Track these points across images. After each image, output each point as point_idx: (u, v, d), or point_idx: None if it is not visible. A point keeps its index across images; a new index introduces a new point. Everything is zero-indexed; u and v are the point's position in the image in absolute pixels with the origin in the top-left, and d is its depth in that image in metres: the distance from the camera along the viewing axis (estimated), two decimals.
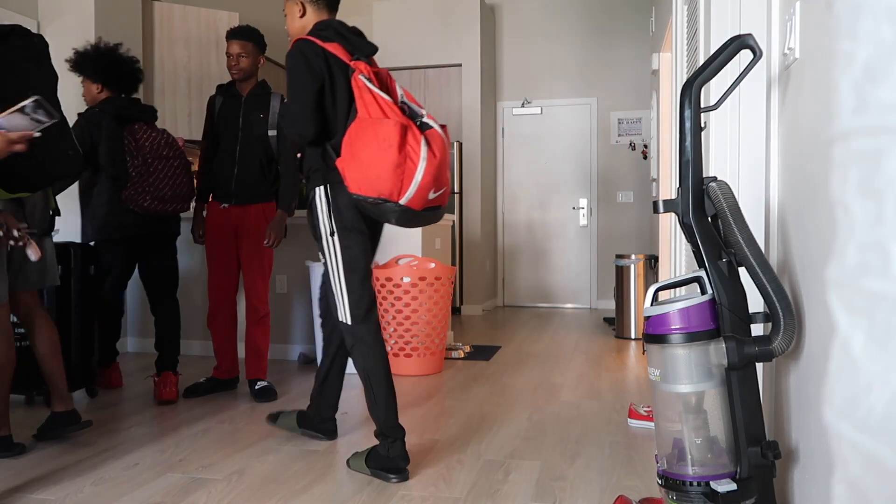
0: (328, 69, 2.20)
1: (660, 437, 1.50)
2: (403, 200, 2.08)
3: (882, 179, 1.00)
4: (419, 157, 2.06)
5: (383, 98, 2.10)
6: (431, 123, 2.17)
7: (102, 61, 3.29)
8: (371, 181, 2.06)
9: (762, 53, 1.45)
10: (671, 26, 3.92)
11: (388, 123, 2.06)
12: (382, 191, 2.06)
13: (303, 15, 2.36)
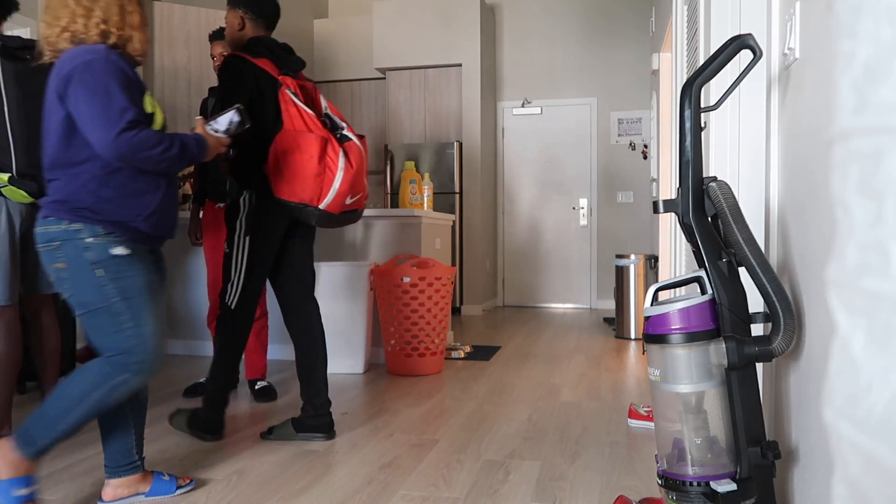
0: (256, 83, 2.39)
1: (660, 437, 1.50)
2: (322, 205, 2.33)
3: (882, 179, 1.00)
4: (337, 167, 2.32)
5: (307, 112, 2.35)
6: (350, 136, 2.43)
7: None
8: (294, 188, 2.31)
9: (762, 53, 1.45)
10: (671, 26, 3.92)
11: (311, 136, 2.31)
12: (304, 197, 2.32)
13: (241, 28, 2.51)
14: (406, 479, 2.18)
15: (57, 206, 1.78)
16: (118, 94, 1.74)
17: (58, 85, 1.75)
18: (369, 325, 3.88)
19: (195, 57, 5.04)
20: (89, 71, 1.73)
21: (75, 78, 1.73)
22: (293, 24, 6.97)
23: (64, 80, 1.74)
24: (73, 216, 1.77)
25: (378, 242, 4.14)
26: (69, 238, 1.77)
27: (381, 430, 2.71)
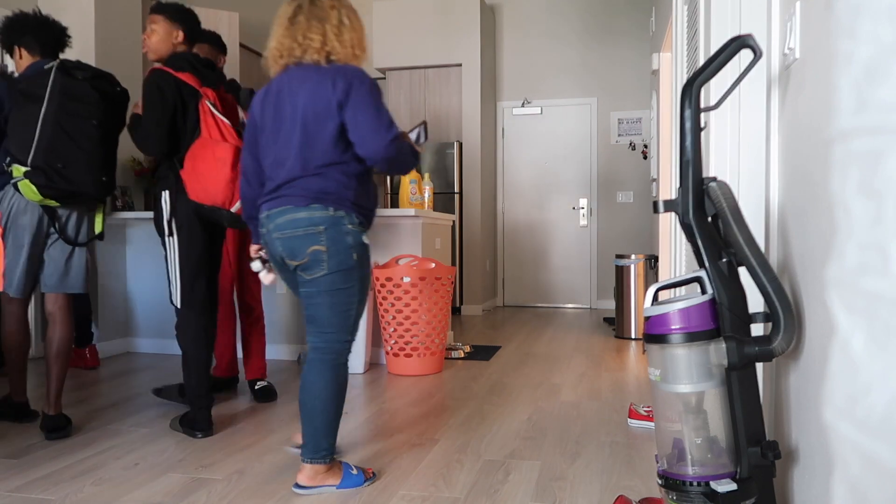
0: (179, 95, 2.60)
1: (660, 437, 1.50)
2: (234, 209, 2.54)
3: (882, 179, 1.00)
4: None
5: (224, 122, 2.56)
6: None
7: None
8: (208, 192, 2.50)
9: (762, 53, 1.45)
10: (671, 26, 3.92)
11: (225, 146, 2.51)
12: (217, 200, 2.51)
13: (178, 41, 2.70)
14: (406, 479, 2.18)
15: (323, 196, 2.01)
16: (384, 109, 2.05)
17: (337, 96, 2.01)
18: (369, 325, 3.87)
19: None
20: (364, 87, 2.03)
21: (354, 91, 2.01)
22: None
23: (343, 93, 2.01)
24: (337, 205, 2.02)
25: (378, 242, 4.14)
26: (334, 223, 2.01)
27: (381, 430, 2.71)
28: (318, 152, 2.03)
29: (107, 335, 4.36)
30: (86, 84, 2.62)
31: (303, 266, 2.04)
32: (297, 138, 2.04)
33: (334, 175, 2.03)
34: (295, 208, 2.01)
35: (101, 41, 4.33)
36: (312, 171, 2.02)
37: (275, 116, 2.09)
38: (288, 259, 2.06)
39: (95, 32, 4.28)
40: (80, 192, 2.60)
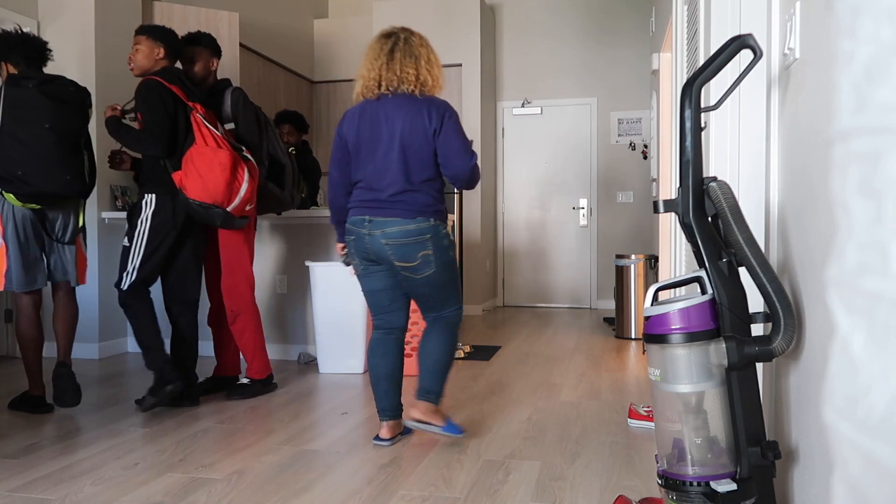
0: (174, 105, 2.93)
1: (660, 437, 1.50)
2: (230, 208, 2.93)
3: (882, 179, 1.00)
4: (244, 179, 2.96)
5: (217, 133, 2.92)
6: (249, 157, 3.06)
7: None
8: (209, 191, 2.86)
9: (762, 53, 1.45)
10: (671, 26, 3.92)
11: (225, 153, 2.89)
12: (217, 198, 2.88)
13: (160, 58, 3.03)
14: (406, 479, 2.18)
15: (425, 209, 2.41)
16: (466, 137, 2.46)
17: (431, 125, 2.41)
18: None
19: None
20: (453, 119, 2.43)
21: (446, 121, 2.41)
22: (293, 24, 6.97)
23: (438, 123, 2.40)
24: (435, 216, 2.44)
25: None
26: (435, 231, 2.43)
27: None
28: (417, 171, 2.41)
29: (106, 335, 4.36)
30: (34, 91, 2.84)
31: (413, 268, 2.42)
32: (396, 157, 2.40)
33: (430, 191, 2.44)
34: (404, 220, 2.39)
35: (101, 41, 4.33)
36: (415, 187, 2.41)
37: (371, 137, 2.45)
38: (398, 262, 2.42)
39: (95, 33, 4.28)
40: (46, 193, 2.86)
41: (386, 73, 2.43)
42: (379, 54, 2.45)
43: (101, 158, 3.95)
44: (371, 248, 2.43)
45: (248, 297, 3.28)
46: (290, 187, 3.42)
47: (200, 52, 3.25)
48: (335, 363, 3.81)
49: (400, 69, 2.42)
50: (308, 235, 4.25)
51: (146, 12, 4.84)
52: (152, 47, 3.01)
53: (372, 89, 2.45)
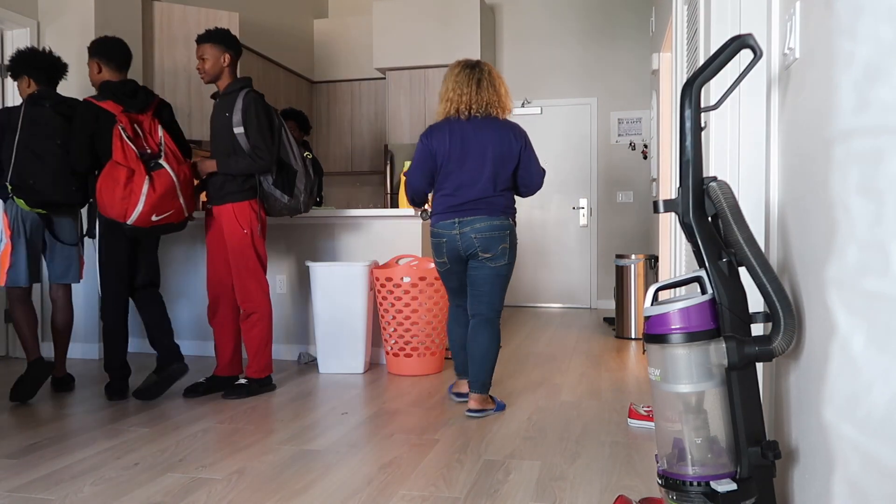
0: (96, 122, 3.11)
1: (660, 437, 1.50)
2: (130, 221, 3.03)
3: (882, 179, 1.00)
4: (141, 193, 3.01)
5: (129, 146, 3.03)
6: (164, 164, 3.11)
7: None
8: (105, 207, 3.03)
9: (762, 53, 1.45)
10: (671, 26, 3.92)
11: (120, 168, 3.00)
12: (112, 214, 3.02)
13: (99, 72, 3.26)
14: (406, 479, 2.18)
15: (506, 210, 2.96)
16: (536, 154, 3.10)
17: (517, 145, 2.99)
18: (369, 325, 3.88)
19: (195, 57, 5.03)
20: (530, 143, 3.06)
21: (527, 145, 3.03)
22: (293, 24, 6.97)
23: (522, 145, 3.01)
24: (511, 217, 2.99)
25: (378, 242, 4.14)
26: (511, 229, 2.96)
27: (381, 430, 2.71)
28: (502, 180, 2.95)
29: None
30: (50, 111, 3.21)
31: (492, 258, 2.91)
32: (488, 169, 2.91)
33: (508, 196, 2.99)
34: (489, 217, 2.90)
35: None
36: (498, 193, 2.93)
37: (461, 150, 2.92)
38: (483, 252, 2.90)
39: (95, 33, 4.27)
40: (53, 202, 3.22)
41: (476, 98, 2.94)
42: (469, 82, 2.96)
43: None
44: (461, 244, 2.92)
45: (259, 298, 3.30)
46: (303, 193, 3.37)
47: (206, 49, 3.24)
48: (335, 363, 3.81)
49: (487, 96, 2.95)
50: (308, 235, 4.25)
51: (146, 12, 4.84)
52: (92, 65, 3.27)
53: (463, 112, 2.94)
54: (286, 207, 3.36)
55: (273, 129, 3.26)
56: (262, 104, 3.23)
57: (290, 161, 3.33)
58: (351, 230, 4.19)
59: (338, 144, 7.33)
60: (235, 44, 3.30)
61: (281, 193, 3.29)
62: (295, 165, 3.34)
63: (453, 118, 2.96)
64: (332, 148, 7.30)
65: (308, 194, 3.42)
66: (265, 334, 3.32)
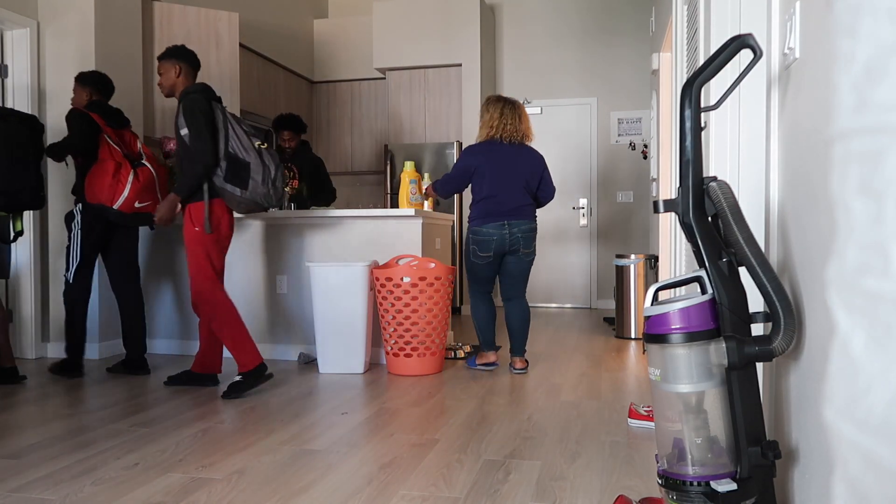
0: (90, 129, 3.66)
1: (660, 436, 1.50)
2: (116, 205, 3.60)
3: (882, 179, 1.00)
4: (127, 181, 3.61)
5: (114, 147, 3.64)
6: (147, 164, 3.73)
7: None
8: (96, 194, 3.59)
9: (762, 53, 1.45)
10: (671, 26, 3.92)
11: (108, 162, 3.62)
12: (101, 199, 3.59)
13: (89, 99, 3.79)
14: (406, 479, 2.18)
15: (534, 215, 3.81)
16: None
17: (540, 168, 3.84)
18: (369, 325, 3.87)
19: None
20: (547, 166, 3.89)
21: (546, 170, 3.87)
22: (293, 24, 6.97)
23: (543, 168, 3.85)
24: (535, 220, 3.85)
25: (378, 242, 4.14)
26: (537, 229, 3.86)
27: (381, 430, 2.71)
28: (530, 193, 3.81)
29: (106, 335, 4.36)
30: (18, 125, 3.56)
31: (528, 253, 3.79)
32: (521, 183, 3.74)
33: (533, 204, 3.84)
34: (528, 221, 3.77)
35: (101, 41, 4.33)
36: (529, 202, 3.79)
37: (500, 168, 3.70)
38: (524, 249, 3.76)
39: (95, 33, 4.28)
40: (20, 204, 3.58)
41: (515, 128, 3.77)
42: (512, 116, 3.76)
43: None
44: (508, 241, 3.71)
45: (208, 294, 3.29)
46: (261, 185, 3.32)
47: (160, 66, 3.43)
48: (335, 363, 3.81)
49: (523, 128, 3.79)
50: (308, 235, 4.25)
51: (146, 12, 4.84)
52: (80, 91, 3.77)
53: (505, 137, 3.75)
54: (245, 201, 3.30)
55: (212, 125, 3.25)
56: (199, 102, 3.24)
57: (239, 154, 3.28)
58: (351, 230, 4.19)
59: (338, 144, 7.33)
60: (188, 56, 3.42)
61: (233, 187, 3.25)
62: (246, 158, 3.28)
63: (496, 141, 3.74)
64: (332, 148, 7.30)
65: (271, 186, 3.36)
66: (234, 329, 3.29)
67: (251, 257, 4.34)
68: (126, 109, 4.49)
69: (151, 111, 4.85)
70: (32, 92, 4.28)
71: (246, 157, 3.28)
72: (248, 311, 4.35)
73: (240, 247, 4.36)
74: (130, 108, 4.54)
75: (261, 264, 4.32)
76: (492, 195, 3.68)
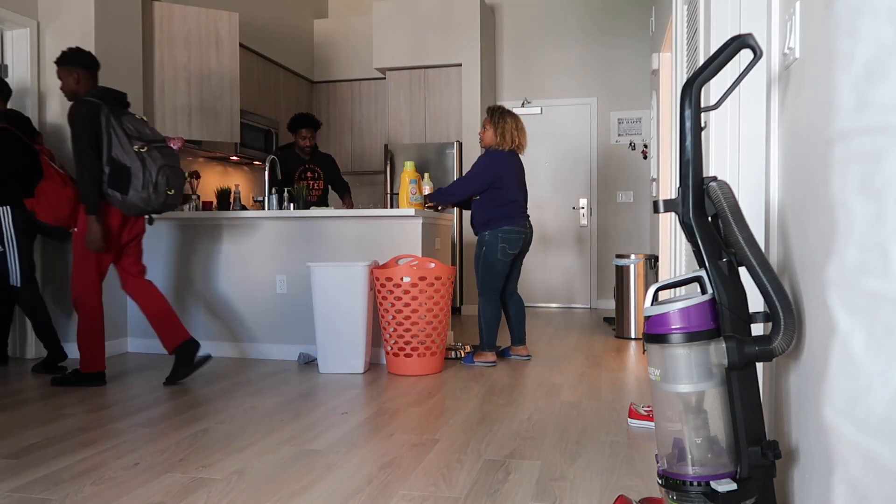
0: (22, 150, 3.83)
1: (660, 436, 1.50)
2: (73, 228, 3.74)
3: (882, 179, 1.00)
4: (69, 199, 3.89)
5: (60, 171, 3.89)
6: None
7: None
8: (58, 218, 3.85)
9: (762, 53, 1.45)
10: (671, 26, 3.92)
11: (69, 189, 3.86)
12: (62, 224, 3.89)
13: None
14: (406, 479, 2.18)
15: None
16: None
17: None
18: (369, 325, 3.87)
19: (195, 57, 5.03)
20: None
21: None
22: (293, 24, 6.97)
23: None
24: None
25: (378, 242, 4.14)
26: None
27: (381, 430, 2.71)
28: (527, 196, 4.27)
29: (106, 335, 4.36)
30: None
31: (527, 251, 4.23)
32: (525, 189, 4.18)
33: None
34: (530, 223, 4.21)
35: (101, 41, 4.33)
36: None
37: (517, 175, 4.09)
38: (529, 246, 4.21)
39: (95, 33, 4.28)
40: None
41: (523, 140, 4.14)
42: (522, 128, 4.13)
43: None
44: (528, 240, 4.17)
45: (82, 296, 3.49)
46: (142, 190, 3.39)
47: (58, 73, 3.50)
48: (335, 363, 3.81)
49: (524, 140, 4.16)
50: (308, 235, 4.25)
51: (146, 12, 4.84)
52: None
53: (517, 148, 4.11)
54: (127, 205, 3.40)
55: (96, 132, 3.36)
56: (80, 112, 3.36)
57: (121, 159, 3.37)
58: (351, 230, 4.19)
59: (338, 144, 7.33)
60: (84, 61, 3.49)
61: (113, 192, 3.37)
62: (127, 163, 3.37)
63: (510, 150, 4.07)
64: (332, 148, 7.30)
65: (152, 190, 3.40)
66: (89, 331, 3.50)
67: (251, 257, 4.34)
68: None
69: (151, 111, 4.85)
70: (32, 92, 4.28)
71: (127, 162, 3.38)
72: (248, 310, 4.35)
73: (239, 246, 4.36)
74: (130, 107, 4.54)
75: (261, 264, 4.32)
76: (515, 199, 4.03)
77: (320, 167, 5.26)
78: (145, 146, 3.41)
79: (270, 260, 4.30)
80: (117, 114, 3.40)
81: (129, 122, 3.41)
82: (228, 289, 4.37)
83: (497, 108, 4.13)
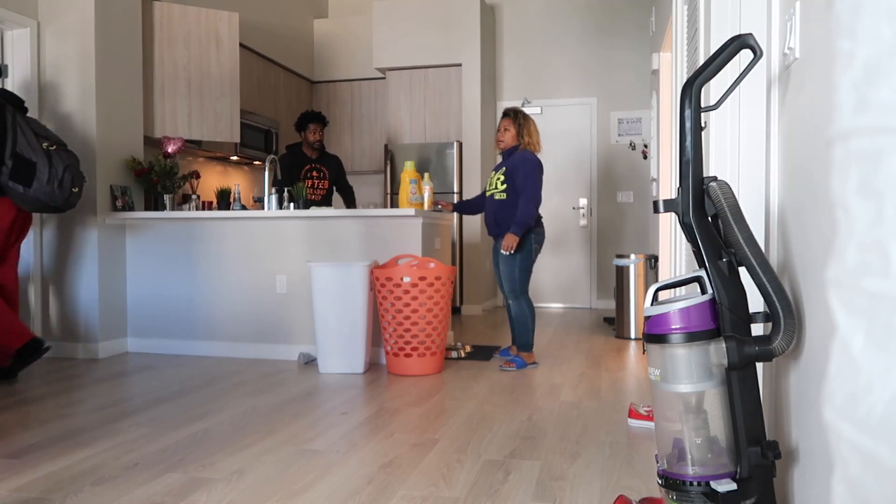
0: None
1: (660, 436, 1.50)
2: None
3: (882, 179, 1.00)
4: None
5: None
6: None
7: None
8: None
9: (762, 53, 1.45)
10: (671, 26, 3.92)
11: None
12: None
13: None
14: (406, 479, 2.18)
15: None
16: None
17: None
18: (369, 325, 3.87)
19: (195, 57, 5.03)
20: None
21: None
22: (293, 24, 6.97)
23: None
24: None
25: (378, 242, 4.14)
26: None
27: (381, 430, 2.71)
28: None
29: (106, 335, 4.36)
30: None
31: None
32: None
33: None
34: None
35: (101, 41, 4.33)
36: None
37: None
38: None
39: (95, 33, 4.27)
40: None
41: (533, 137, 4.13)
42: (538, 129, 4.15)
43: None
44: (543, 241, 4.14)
45: None
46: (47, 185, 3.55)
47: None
48: (335, 363, 3.81)
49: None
50: (308, 235, 4.25)
51: (146, 12, 4.84)
52: None
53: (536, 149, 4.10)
54: (29, 199, 3.55)
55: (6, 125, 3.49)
56: None
57: (25, 154, 3.54)
58: (351, 230, 4.19)
59: (338, 144, 7.33)
60: None
61: (15, 184, 3.52)
62: (32, 158, 3.54)
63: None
64: (332, 148, 7.30)
65: (57, 186, 3.60)
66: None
67: (251, 257, 4.34)
68: (126, 109, 4.49)
69: (151, 111, 4.85)
70: (32, 92, 4.28)
71: (32, 158, 3.55)
72: (248, 310, 4.35)
73: (239, 246, 4.36)
74: (130, 107, 4.54)
75: (261, 264, 4.32)
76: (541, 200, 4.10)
77: (327, 167, 5.29)
78: (53, 145, 3.63)
79: (270, 260, 4.30)
80: (23, 113, 3.60)
81: (34, 123, 3.61)
82: (228, 289, 4.37)
83: (518, 111, 4.12)
